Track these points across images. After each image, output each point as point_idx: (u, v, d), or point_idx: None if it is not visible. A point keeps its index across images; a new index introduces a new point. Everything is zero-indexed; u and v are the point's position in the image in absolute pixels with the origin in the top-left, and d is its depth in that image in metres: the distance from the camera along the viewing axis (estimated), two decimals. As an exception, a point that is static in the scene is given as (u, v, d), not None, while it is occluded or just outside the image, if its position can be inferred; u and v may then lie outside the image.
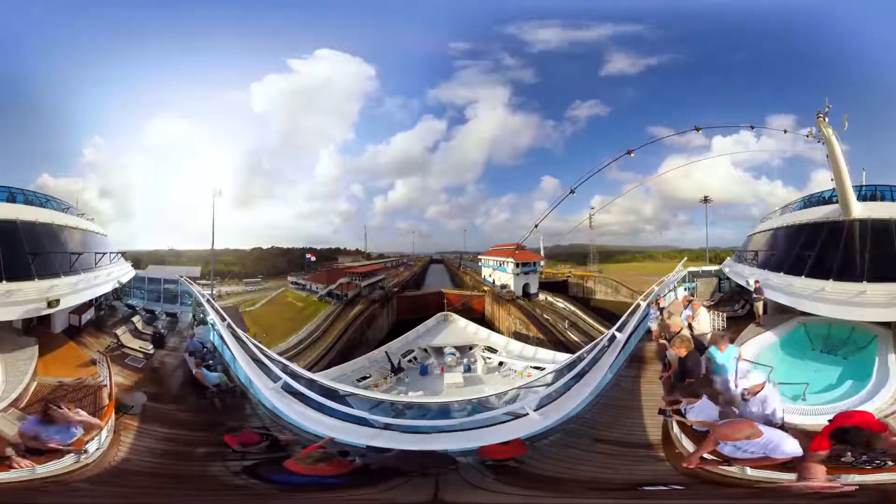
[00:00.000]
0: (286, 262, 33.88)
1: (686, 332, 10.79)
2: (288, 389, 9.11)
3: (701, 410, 6.71)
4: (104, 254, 14.49)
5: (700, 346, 8.94)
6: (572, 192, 15.85)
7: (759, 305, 12.10)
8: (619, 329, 11.12)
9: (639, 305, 12.70)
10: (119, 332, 12.78)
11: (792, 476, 5.75)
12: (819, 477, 5.54)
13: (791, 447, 5.91)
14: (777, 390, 6.89)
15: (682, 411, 6.97)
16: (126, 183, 27.03)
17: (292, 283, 31.32)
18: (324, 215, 29.99)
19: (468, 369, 16.29)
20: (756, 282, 12.46)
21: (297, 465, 7.30)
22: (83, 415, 7.05)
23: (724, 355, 7.92)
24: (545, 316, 25.81)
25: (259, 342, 12.54)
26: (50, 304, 10.30)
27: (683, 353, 8.22)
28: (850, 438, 5.74)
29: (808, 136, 11.80)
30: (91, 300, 12.97)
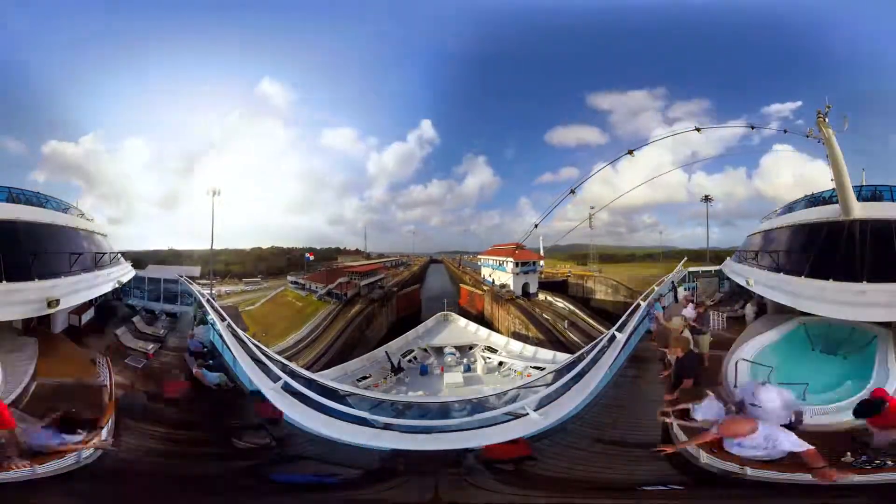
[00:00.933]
0: (286, 262, 33.83)
1: (686, 332, 10.80)
2: (288, 389, 9.11)
3: (707, 409, 6.71)
4: (104, 254, 14.49)
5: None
6: (572, 192, 15.93)
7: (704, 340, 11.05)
8: (619, 329, 11.13)
9: (639, 305, 12.71)
10: (119, 332, 12.79)
11: (794, 475, 5.76)
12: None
13: (791, 443, 5.90)
14: (789, 393, 6.80)
15: (691, 411, 6.96)
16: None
17: (292, 282, 31.40)
18: (351, 223, 32.93)
19: (468, 369, 16.30)
20: (700, 305, 12.20)
21: None
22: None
23: None
24: (545, 316, 25.68)
25: (258, 341, 12.54)
26: (50, 304, 10.29)
27: (680, 353, 8.24)
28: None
29: (807, 136, 11.80)
30: (91, 300, 12.97)
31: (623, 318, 12.22)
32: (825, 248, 11.28)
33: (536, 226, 18.32)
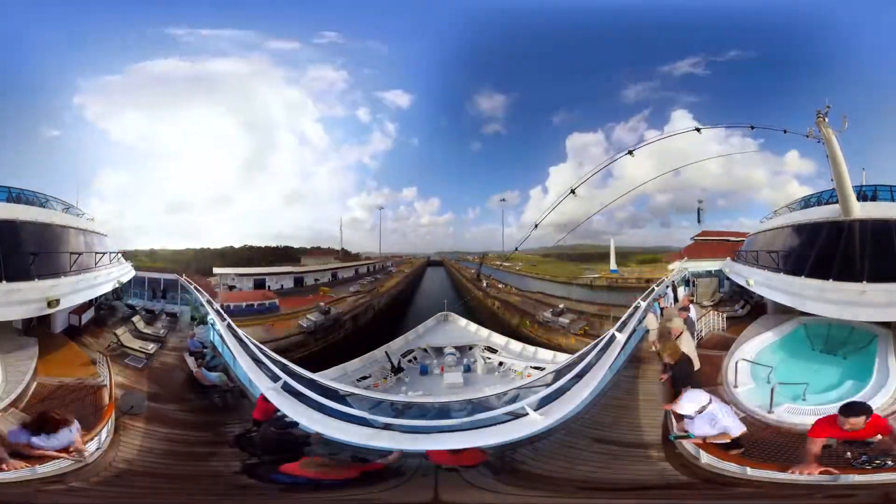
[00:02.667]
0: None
1: (685, 335, 10.74)
2: (288, 389, 9.10)
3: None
4: (104, 254, 14.49)
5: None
6: (572, 192, 15.82)
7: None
8: (619, 329, 11.13)
9: (639, 305, 12.71)
10: (119, 331, 12.79)
11: (794, 475, 5.77)
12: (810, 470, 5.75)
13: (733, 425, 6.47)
14: (722, 406, 6.90)
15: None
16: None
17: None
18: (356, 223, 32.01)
19: (468, 369, 16.27)
20: (687, 298, 12.05)
21: (302, 469, 7.28)
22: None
23: None
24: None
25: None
26: (50, 304, 10.29)
27: (670, 360, 8.20)
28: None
29: (807, 136, 11.80)
30: (91, 300, 12.98)
31: (623, 317, 12.22)
32: (825, 248, 11.28)
33: (536, 226, 18.19)
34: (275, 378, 9.54)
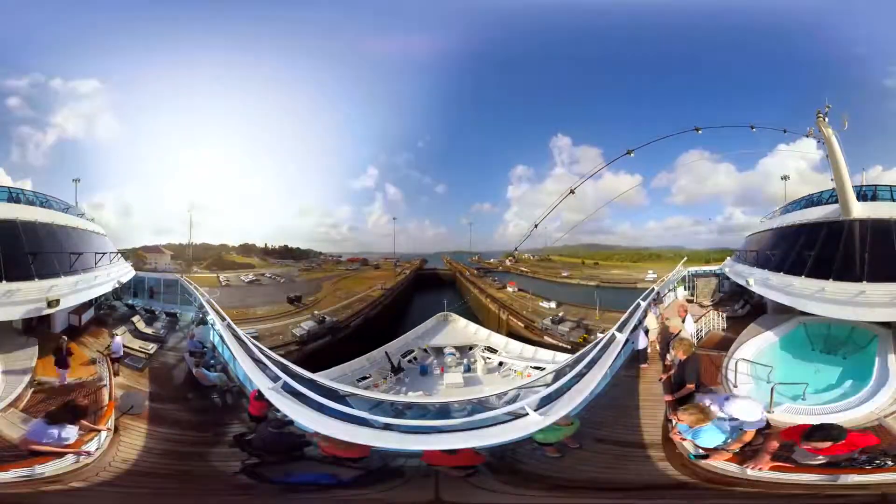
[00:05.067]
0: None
1: (686, 334, 10.78)
2: (287, 389, 9.09)
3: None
4: (104, 254, 14.48)
5: None
6: (572, 192, 15.80)
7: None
8: (619, 329, 11.12)
9: (638, 305, 12.70)
10: (119, 332, 12.77)
11: (794, 475, 5.78)
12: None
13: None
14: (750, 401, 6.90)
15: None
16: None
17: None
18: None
19: (468, 369, 16.27)
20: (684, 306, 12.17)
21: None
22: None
23: None
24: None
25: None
26: (50, 304, 10.29)
27: (683, 356, 8.17)
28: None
29: (807, 136, 11.80)
30: (91, 300, 12.97)
31: (623, 317, 12.21)
32: (825, 248, 11.28)
33: (536, 225, 18.13)
34: (274, 378, 9.53)
